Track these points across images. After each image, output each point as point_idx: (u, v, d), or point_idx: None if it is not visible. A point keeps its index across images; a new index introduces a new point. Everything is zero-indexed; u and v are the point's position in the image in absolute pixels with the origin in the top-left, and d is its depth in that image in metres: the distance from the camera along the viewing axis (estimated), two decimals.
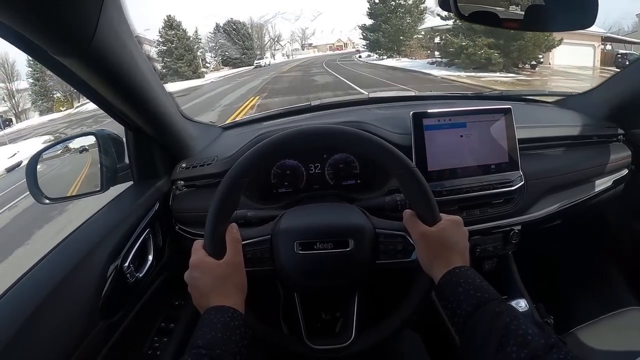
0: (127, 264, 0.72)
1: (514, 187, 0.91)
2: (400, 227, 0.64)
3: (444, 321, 0.98)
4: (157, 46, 38.69)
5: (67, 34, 0.49)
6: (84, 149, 0.88)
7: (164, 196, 0.91)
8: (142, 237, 0.79)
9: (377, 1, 28.50)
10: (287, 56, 77.55)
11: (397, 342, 0.83)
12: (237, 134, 1.14)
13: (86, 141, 0.87)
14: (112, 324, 0.68)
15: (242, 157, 0.59)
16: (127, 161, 0.90)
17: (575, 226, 1.21)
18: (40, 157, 0.82)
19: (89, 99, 0.69)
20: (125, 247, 0.74)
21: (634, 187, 1.12)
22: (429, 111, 0.88)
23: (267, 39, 78.44)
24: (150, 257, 0.81)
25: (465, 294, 0.50)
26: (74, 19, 0.48)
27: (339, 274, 0.64)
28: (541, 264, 1.28)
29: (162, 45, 38.62)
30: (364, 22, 30.77)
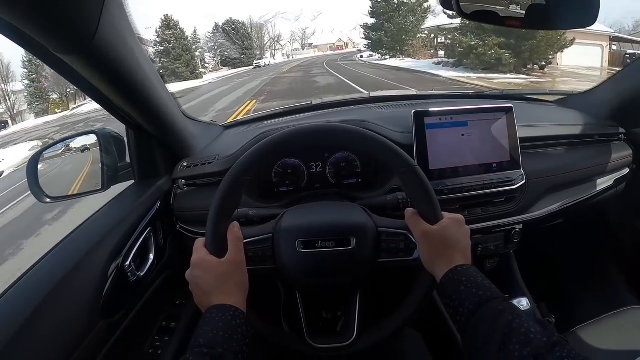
0: (128, 263, 0.72)
1: (515, 186, 0.91)
2: (402, 226, 0.64)
3: (446, 320, 0.98)
4: (154, 46, 37.90)
5: (69, 31, 0.49)
6: (86, 148, 0.87)
7: (165, 195, 0.91)
8: (144, 236, 0.79)
9: (380, 0, 27.52)
10: (287, 56, 77.43)
11: (398, 341, 0.83)
12: (238, 132, 1.14)
13: (87, 140, 0.87)
14: (113, 323, 0.68)
15: (243, 155, 0.59)
16: (128, 160, 0.90)
17: (576, 225, 1.21)
18: (41, 156, 0.82)
19: (90, 97, 0.69)
20: (126, 246, 0.74)
21: (635, 186, 1.12)
22: (430, 110, 0.88)
23: (267, 39, 78.38)
24: (151, 256, 0.81)
25: (467, 292, 0.50)
26: (76, 17, 0.48)
27: (341, 272, 0.64)
28: (542, 263, 1.28)
29: (159, 45, 37.76)
30: (365, 21, 29.94)
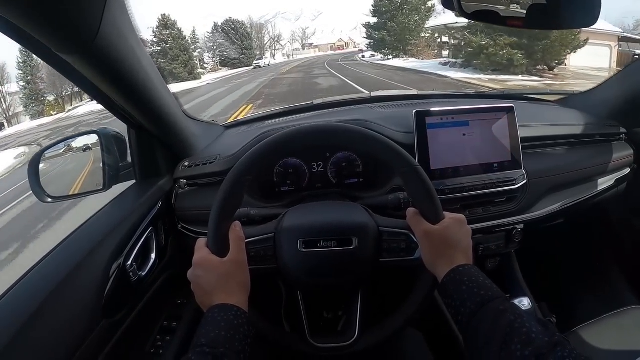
0: (129, 263, 0.72)
1: (516, 186, 0.91)
2: (403, 226, 0.64)
3: (447, 320, 0.98)
4: (150, 46, 36.92)
5: (71, 31, 0.49)
6: (87, 148, 0.88)
7: (167, 195, 0.91)
8: (145, 236, 0.79)
9: None
10: (288, 56, 77.29)
11: (399, 341, 0.83)
12: (239, 132, 1.14)
13: (89, 140, 0.87)
14: (115, 323, 0.68)
15: (244, 155, 0.59)
16: (129, 160, 0.90)
17: (577, 225, 1.21)
18: (42, 156, 0.82)
19: (91, 97, 0.69)
20: (127, 245, 0.74)
21: (636, 186, 1.11)
22: (431, 110, 0.88)
23: (267, 39, 78.21)
24: (152, 256, 0.82)
25: (469, 292, 0.50)
26: (78, 17, 0.48)
27: (342, 272, 0.64)
28: (543, 263, 1.28)
29: (156, 45, 36.76)
30: (367, 20, 29.03)
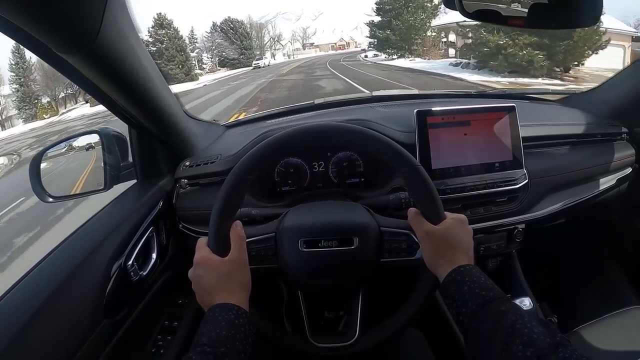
0: (130, 262, 0.72)
1: (517, 186, 0.90)
2: (404, 226, 0.64)
3: (448, 320, 0.98)
4: (146, 47, 36.12)
5: (71, 31, 0.49)
6: (90, 147, 0.87)
7: (168, 194, 0.91)
8: (146, 236, 0.79)
9: None
10: (288, 56, 77.03)
11: (400, 341, 0.83)
12: (240, 132, 1.14)
13: (90, 139, 0.87)
14: (116, 322, 0.68)
15: (245, 155, 0.59)
16: (130, 159, 0.90)
17: (578, 225, 1.20)
18: (44, 155, 0.82)
19: (92, 97, 0.69)
20: (128, 245, 0.74)
21: (638, 186, 1.11)
22: (433, 109, 0.88)
23: (267, 38, 77.94)
24: (154, 256, 0.82)
25: (470, 292, 0.50)
26: (78, 16, 0.48)
27: (343, 272, 0.64)
28: (545, 263, 1.28)
29: (151, 45, 35.35)
30: (370, 19, 27.50)
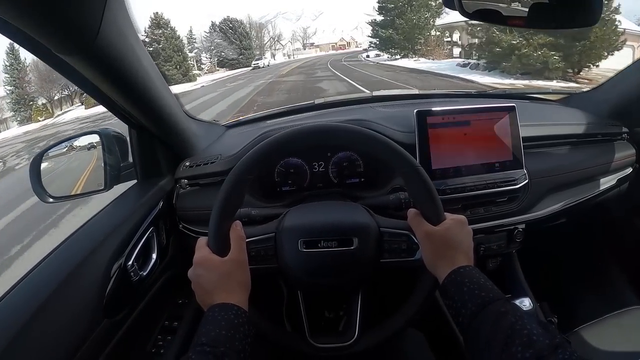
0: (130, 263, 0.73)
1: (518, 186, 0.90)
2: (404, 226, 0.64)
3: (448, 320, 0.98)
4: None
5: (71, 32, 0.49)
6: (92, 146, 0.87)
7: (168, 195, 0.91)
8: (146, 236, 0.79)
9: None
10: (289, 56, 76.71)
11: (400, 341, 0.83)
12: (240, 132, 1.14)
13: (90, 140, 0.87)
14: (116, 323, 0.69)
15: (246, 155, 0.59)
16: (130, 160, 0.90)
17: (579, 225, 1.20)
18: (45, 155, 0.82)
19: (92, 97, 0.69)
20: (129, 245, 0.74)
21: (638, 186, 1.11)
22: (433, 109, 0.88)
23: (267, 38, 77.66)
24: (154, 256, 0.82)
25: (469, 293, 0.50)
26: (78, 17, 0.48)
27: (343, 272, 0.64)
28: (545, 263, 1.27)
29: (147, 46, 33.49)
30: (372, 18, 26.58)
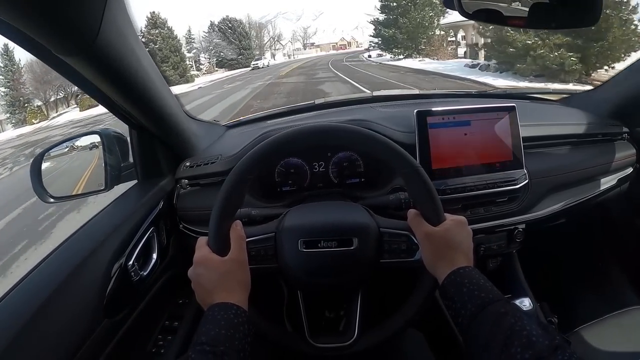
0: (131, 263, 0.73)
1: (518, 186, 0.90)
2: (404, 227, 0.64)
3: (448, 320, 0.98)
4: None
5: (70, 32, 0.49)
6: (94, 146, 0.87)
7: (168, 195, 0.91)
8: (147, 236, 0.79)
9: None
10: (289, 56, 76.43)
11: (400, 341, 0.83)
12: (240, 132, 1.14)
13: (91, 140, 0.88)
14: (116, 322, 0.69)
15: (246, 155, 0.59)
16: (131, 160, 0.90)
17: (579, 225, 1.20)
18: (45, 155, 0.82)
19: (92, 98, 0.70)
20: (129, 245, 0.74)
21: (639, 186, 1.11)
22: (433, 109, 0.88)
23: (267, 38, 77.44)
24: (154, 256, 0.82)
25: (469, 294, 0.50)
26: (77, 18, 0.48)
27: (343, 272, 0.64)
28: (545, 263, 1.27)
29: (144, 46, 34.41)
30: (374, 17, 25.32)
